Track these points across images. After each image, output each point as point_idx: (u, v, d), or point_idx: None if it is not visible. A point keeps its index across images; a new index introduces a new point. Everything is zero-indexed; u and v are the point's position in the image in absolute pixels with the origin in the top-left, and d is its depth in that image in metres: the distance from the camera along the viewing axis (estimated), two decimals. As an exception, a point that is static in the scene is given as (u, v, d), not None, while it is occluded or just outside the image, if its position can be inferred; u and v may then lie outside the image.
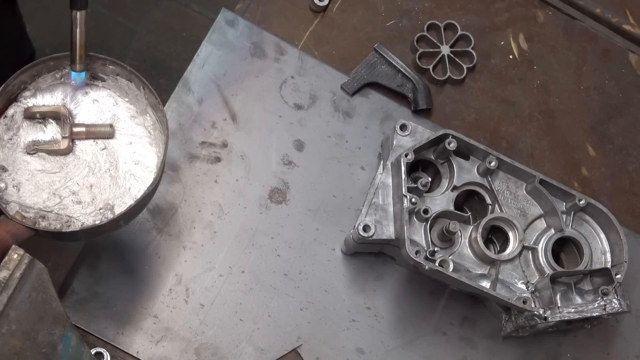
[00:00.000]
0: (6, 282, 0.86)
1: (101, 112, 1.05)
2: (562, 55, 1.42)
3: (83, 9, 0.99)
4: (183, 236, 1.21)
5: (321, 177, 1.27)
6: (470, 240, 1.18)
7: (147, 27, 2.33)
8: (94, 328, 1.14)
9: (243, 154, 1.26)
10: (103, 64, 1.05)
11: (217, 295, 1.19)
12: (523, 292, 1.16)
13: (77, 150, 1.03)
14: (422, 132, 1.21)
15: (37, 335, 0.89)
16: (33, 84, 1.04)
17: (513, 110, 1.37)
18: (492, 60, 1.39)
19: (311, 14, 1.36)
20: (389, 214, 1.17)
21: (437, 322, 1.24)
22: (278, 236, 1.23)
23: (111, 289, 1.17)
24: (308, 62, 1.32)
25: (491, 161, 1.18)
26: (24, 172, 1.01)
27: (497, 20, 1.42)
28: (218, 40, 1.31)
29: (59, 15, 2.26)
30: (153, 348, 1.15)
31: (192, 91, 1.27)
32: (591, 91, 1.41)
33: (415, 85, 1.32)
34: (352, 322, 1.22)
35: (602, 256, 1.21)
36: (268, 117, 1.29)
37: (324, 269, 1.23)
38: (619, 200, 1.35)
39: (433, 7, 1.40)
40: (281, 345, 1.19)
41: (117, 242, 1.19)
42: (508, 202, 1.20)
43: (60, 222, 0.99)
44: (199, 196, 1.23)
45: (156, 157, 1.04)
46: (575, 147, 1.37)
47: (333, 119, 1.30)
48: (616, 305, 1.14)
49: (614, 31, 1.46)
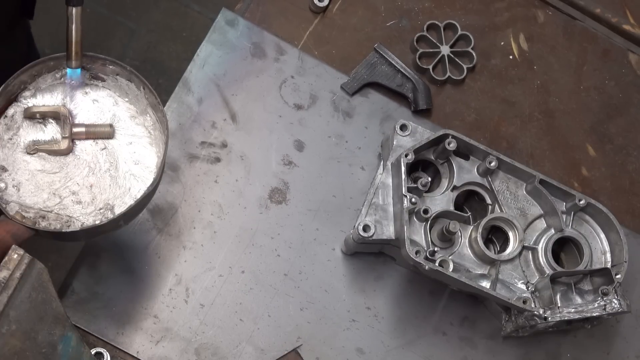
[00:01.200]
0: (6, 282, 0.86)
1: (101, 112, 1.05)
2: (562, 55, 1.42)
3: (79, 5, 0.98)
4: (183, 236, 1.21)
5: (321, 177, 1.27)
6: (470, 240, 1.18)
7: (147, 27, 2.33)
8: (94, 328, 1.14)
9: (243, 154, 1.26)
10: (103, 64, 1.04)
11: (217, 295, 1.19)
12: (523, 292, 1.16)
13: (77, 150, 1.03)
14: (422, 132, 1.21)
15: (37, 335, 0.89)
16: (33, 84, 1.04)
17: (513, 110, 1.37)
18: (492, 60, 1.39)
19: (311, 14, 1.36)
20: (389, 214, 1.17)
21: (437, 322, 1.24)
22: (278, 236, 1.23)
23: (111, 289, 1.17)
24: (308, 62, 1.32)
25: (491, 161, 1.18)
26: (24, 172, 1.00)
27: (497, 20, 1.42)
28: (218, 40, 1.31)
29: (59, 16, 2.26)
30: (153, 348, 1.15)
31: (192, 91, 1.27)
32: (591, 91, 1.41)
33: (415, 85, 1.32)
34: (352, 322, 1.22)
35: (602, 256, 1.21)
36: (268, 117, 1.29)
37: (324, 269, 1.23)
38: (619, 200, 1.35)
39: (433, 7, 1.40)
40: (281, 345, 1.19)
41: (117, 242, 1.19)
42: (508, 202, 1.20)
43: (60, 222, 0.99)
44: (199, 196, 1.23)
45: (156, 157, 1.04)
46: (575, 147, 1.37)
47: (333, 119, 1.30)
48: (616, 305, 1.14)
49: (614, 31, 1.46)
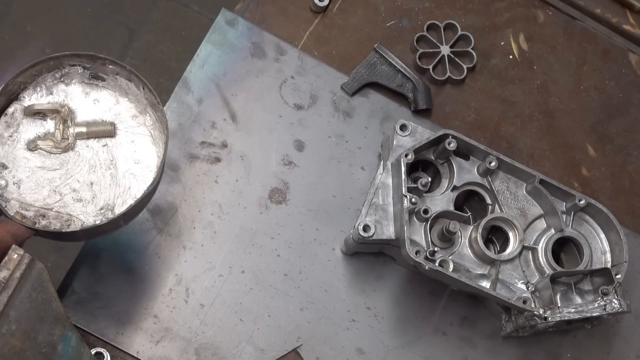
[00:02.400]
0: (6, 282, 0.86)
1: (102, 111, 1.05)
2: (562, 55, 1.42)
3: None
4: (183, 236, 1.21)
5: (321, 177, 1.27)
6: (470, 240, 1.18)
7: (147, 27, 2.33)
8: (94, 328, 1.14)
9: (243, 154, 1.26)
10: (103, 64, 1.04)
11: (217, 295, 1.19)
12: (523, 292, 1.16)
13: (77, 147, 1.03)
14: (422, 132, 1.21)
15: (37, 335, 0.89)
16: (33, 84, 1.04)
17: (513, 110, 1.37)
18: (492, 60, 1.39)
19: (311, 14, 1.36)
20: (389, 214, 1.17)
21: (437, 322, 1.24)
22: (278, 236, 1.23)
23: (111, 289, 1.17)
24: (308, 62, 1.32)
25: (491, 161, 1.18)
26: (24, 169, 1.00)
27: (497, 20, 1.42)
28: (218, 40, 1.31)
29: (59, 16, 2.27)
30: (153, 348, 1.15)
31: (192, 91, 1.27)
32: (591, 91, 1.41)
33: (415, 85, 1.32)
34: (352, 322, 1.22)
35: (602, 256, 1.21)
36: (268, 117, 1.28)
37: (324, 269, 1.23)
38: (619, 200, 1.35)
39: (433, 7, 1.40)
40: (281, 345, 1.19)
41: (117, 242, 1.19)
42: (508, 202, 1.20)
43: (60, 220, 0.99)
44: (199, 196, 1.23)
45: (156, 156, 1.04)
46: (575, 147, 1.37)
47: (333, 119, 1.30)
48: (616, 305, 1.14)
49: (614, 31, 1.46)
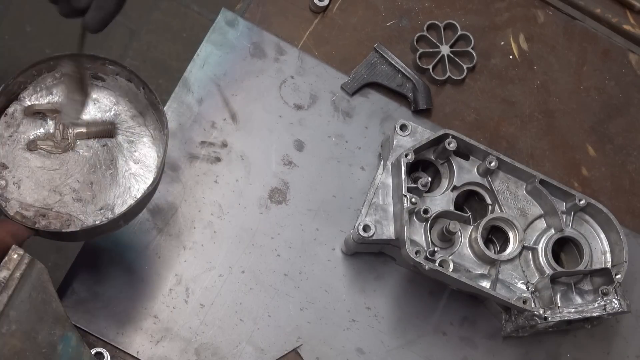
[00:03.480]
0: (6, 282, 0.86)
1: (102, 111, 1.05)
2: (562, 55, 1.42)
3: None
4: (183, 236, 1.21)
5: (321, 177, 1.27)
6: (470, 240, 1.18)
7: (147, 27, 2.33)
8: (94, 328, 1.14)
9: (243, 154, 1.26)
10: (103, 64, 1.04)
11: (217, 295, 1.19)
12: (523, 292, 1.16)
13: (77, 147, 1.03)
14: (422, 132, 1.21)
15: (37, 335, 0.89)
16: (33, 84, 1.04)
17: (513, 110, 1.37)
18: (492, 60, 1.39)
19: (311, 14, 1.36)
20: (389, 214, 1.17)
21: (437, 322, 1.24)
22: (278, 236, 1.23)
23: (111, 289, 1.16)
24: (308, 62, 1.32)
25: (491, 161, 1.18)
26: (24, 169, 1.01)
27: (497, 20, 1.42)
28: (218, 40, 1.31)
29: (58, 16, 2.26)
30: (153, 348, 1.15)
31: (192, 91, 1.27)
32: (591, 91, 1.41)
33: (415, 85, 1.32)
34: (352, 322, 1.22)
35: (602, 256, 1.21)
36: (268, 117, 1.28)
37: (324, 269, 1.23)
38: (619, 200, 1.35)
39: (433, 7, 1.40)
40: (281, 345, 1.19)
41: (117, 242, 1.19)
42: (508, 202, 1.20)
43: (60, 220, 0.99)
44: (199, 196, 1.23)
45: (156, 156, 1.04)
46: (575, 147, 1.37)
47: (333, 119, 1.30)
48: (616, 305, 1.14)
49: (614, 31, 1.46)
